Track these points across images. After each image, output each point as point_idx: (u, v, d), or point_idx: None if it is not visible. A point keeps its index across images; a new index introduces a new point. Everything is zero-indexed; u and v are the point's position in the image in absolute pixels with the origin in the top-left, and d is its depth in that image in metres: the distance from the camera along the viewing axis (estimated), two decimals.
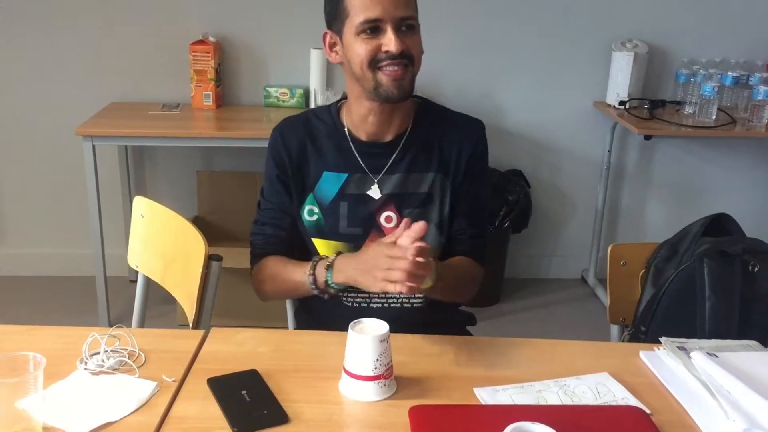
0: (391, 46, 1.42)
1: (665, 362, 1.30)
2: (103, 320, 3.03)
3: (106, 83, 3.33)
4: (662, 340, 1.34)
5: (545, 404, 1.16)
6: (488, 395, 1.18)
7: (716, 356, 1.26)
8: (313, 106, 3.19)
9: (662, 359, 1.31)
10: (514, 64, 3.43)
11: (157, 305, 2.16)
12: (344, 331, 1.19)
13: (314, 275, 1.46)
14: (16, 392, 1.02)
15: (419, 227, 1.31)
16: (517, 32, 3.38)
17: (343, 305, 1.56)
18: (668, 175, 3.61)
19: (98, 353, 1.25)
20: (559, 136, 3.52)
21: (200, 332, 1.38)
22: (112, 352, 1.26)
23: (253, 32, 3.33)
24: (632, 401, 1.18)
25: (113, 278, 3.11)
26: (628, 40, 3.30)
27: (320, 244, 1.58)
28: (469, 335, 1.68)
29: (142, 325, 1.74)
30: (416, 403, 1.14)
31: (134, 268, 1.77)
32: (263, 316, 2.29)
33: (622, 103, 3.22)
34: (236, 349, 1.33)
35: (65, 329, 1.37)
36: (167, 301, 1.90)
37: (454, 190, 1.57)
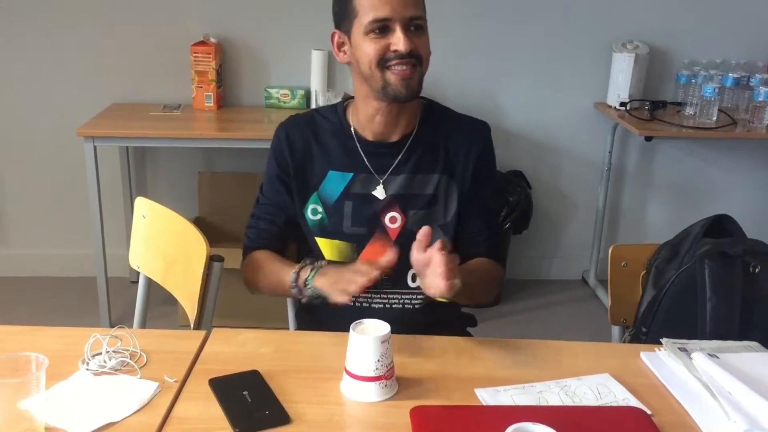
0: (399, 45, 1.42)
1: (666, 363, 1.30)
2: (104, 321, 3.03)
3: (107, 84, 3.33)
4: (663, 341, 1.34)
5: (546, 405, 1.17)
6: (489, 396, 1.19)
7: (717, 357, 1.26)
8: (314, 107, 3.19)
9: (663, 360, 1.31)
10: (514, 65, 3.43)
11: (158, 306, 2.16)
12: (345, 331, 1.19)
13: (298, 273, 1.46)
14: (18, 393, 1.02)
15: (423, 234, 1.31)
16: (517, 33, 3.38)
17: (344, 306, 1.55)
18: (669, 176, 3.61)
19: (100, 354, 1.25)
20: (559, 137, 3.52)
21: (202, 333, 1.38)
22: (113, 352, 1.27)
23: (254, 33, 3.34)
24: (633, 402, 1.19)
25: (114, 279, 3.11)
26: (628, 41, 3.30)
27: (324, 243, 1.58)
28: (470, 336, 1.68)
29: (143, 325, 1.74)
30: (417, 403, 1.14)
31: (136, 268, 1.77)
32: (264, 316, 2.29)
33: (622, 104, 3.22)
34: (238, 349, 1.33)
35: (67, 330, 1.37)
36: (168, 301, 1.90)
37: (461, 192, 1.57)
